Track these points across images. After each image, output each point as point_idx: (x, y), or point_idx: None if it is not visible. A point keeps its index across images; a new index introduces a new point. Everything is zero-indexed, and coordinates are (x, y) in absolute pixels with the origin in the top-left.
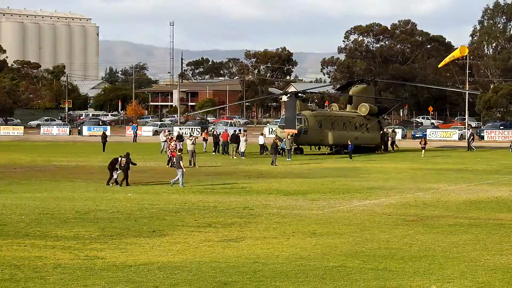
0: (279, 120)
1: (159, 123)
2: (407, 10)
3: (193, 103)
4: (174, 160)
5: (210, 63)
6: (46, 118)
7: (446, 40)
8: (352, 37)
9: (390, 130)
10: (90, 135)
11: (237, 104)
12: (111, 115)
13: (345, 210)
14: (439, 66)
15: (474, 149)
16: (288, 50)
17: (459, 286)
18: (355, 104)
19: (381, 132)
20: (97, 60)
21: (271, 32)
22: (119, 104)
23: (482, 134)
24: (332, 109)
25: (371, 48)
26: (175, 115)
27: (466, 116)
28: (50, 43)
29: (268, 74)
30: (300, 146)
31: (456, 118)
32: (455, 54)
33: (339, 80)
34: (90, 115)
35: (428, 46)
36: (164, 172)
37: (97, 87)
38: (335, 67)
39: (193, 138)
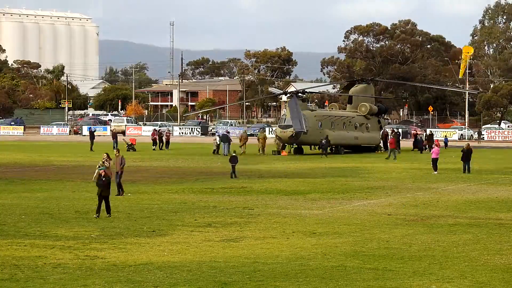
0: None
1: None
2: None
3: (193, 103)
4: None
5: (210, 63)
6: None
7: (446, 40)
8: (352, 37)
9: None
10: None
11: (237, 104)
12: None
13: (345, 210)
14: (460, 76)
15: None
16: (288, 50)
17: (459, 286)
18: (355, 104)
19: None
20: (97, 60)
21: (271, 32)
22: (119, 104)
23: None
24: (332, 109)
25: (371, 48)
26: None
27: (466, 116)
28: (50, 43)
29: (268, 74)
30: (300, 146)
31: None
32: (464, 57)
33: (339, 80)
34: (90, 115)
35: (428, 46)
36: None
37: (97, 87)
38: (335, 67)
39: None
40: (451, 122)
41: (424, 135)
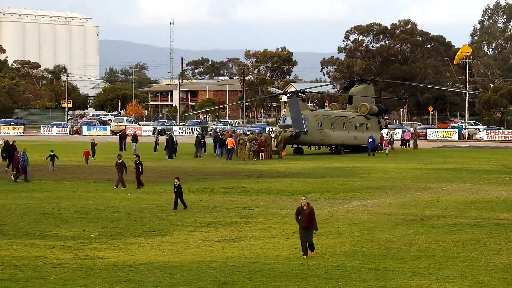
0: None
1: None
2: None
3: (193, 103)
4: None
5: (210, 63)
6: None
7: (446, 40)
8: (352, 36)
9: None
10: (90, 135)
11: (237, 104)
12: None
13: (345, 210)
14: (454, 63)
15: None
16: (288, 50)
17: (459, 286)
18: (355, 104)
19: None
20: (97, 60)
21: (271, 32)
22: (119, 104)
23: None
24: (332, 109)
25: (371, 47)
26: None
27: (466, 116)
28: (50, 43)
29: (268, 74)
30: (300, 146)
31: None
32: (459, 55)
33: (339, 80)
34: (90, 115)
35: (428, 46)
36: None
37: (97, 87)
38: (335, 67)
39: None
40: (451, 122)
41: None
